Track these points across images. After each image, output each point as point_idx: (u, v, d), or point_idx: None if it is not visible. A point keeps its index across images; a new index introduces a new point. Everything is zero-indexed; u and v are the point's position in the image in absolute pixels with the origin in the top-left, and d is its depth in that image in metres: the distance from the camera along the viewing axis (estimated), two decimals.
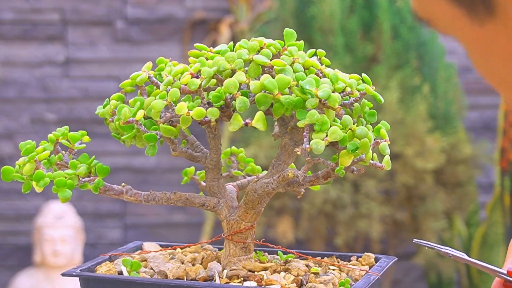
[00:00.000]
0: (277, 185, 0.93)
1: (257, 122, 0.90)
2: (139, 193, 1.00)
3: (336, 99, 0.88)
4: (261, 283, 0.92)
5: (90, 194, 3.34)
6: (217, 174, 1.00)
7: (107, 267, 0.98)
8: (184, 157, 1.00)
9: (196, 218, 3.36)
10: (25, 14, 3.37)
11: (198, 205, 0.99)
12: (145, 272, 0.97)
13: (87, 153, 0.99)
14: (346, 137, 0.87)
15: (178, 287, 0.90)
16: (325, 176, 0.92)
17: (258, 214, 0.98)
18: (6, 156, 3.35)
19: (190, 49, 0.89)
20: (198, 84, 0.91)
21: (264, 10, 3.33)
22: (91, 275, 0.95)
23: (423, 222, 2.83)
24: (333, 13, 2.83)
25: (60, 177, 0.95)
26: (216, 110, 0.91)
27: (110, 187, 0.99)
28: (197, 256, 1.01)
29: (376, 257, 1.04)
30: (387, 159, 0.90)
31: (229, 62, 0.91)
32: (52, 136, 0.97)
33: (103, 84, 3.39)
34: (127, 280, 0.94)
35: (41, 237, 2.90)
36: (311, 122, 0.88)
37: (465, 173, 2.86)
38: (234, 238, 0.97)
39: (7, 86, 3.36)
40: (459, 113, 2.96)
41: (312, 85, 0.88)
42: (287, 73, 0.90)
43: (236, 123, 0.91)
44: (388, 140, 0.92)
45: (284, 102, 0.88)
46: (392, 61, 2.82)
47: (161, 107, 0.91)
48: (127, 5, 3.40)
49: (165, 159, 3.36)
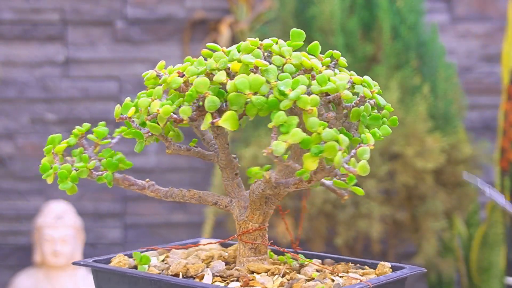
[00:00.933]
0: (264, 187, 0.93)
1: (225, 121, 0.89)
2: (159, 189, 1.03)
3: (307, 100, 0.87)
4: (247, 284, 0.92)
5: (90, 194, 3.34)
6: (231, 173, 1.00)
7: (119, 259, 1.00)
8: (192, 156, 1.01)
9: (196, 218, 3.36)
10: (25, 14, 3.37)
11: (211, 203, 1.00)
12: (156, 266, 0.99)
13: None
14: (307, 139, 0.86)
15: (160, 281, 0.92)
16: (309, 180, 0.91)
17: (266, 215, 0.98)
18: (6, 156, 3.35)
19: (190, 49, 0.89)
20: (179, 83, 0.92)
21: (264, 10, 3.33)
22: (89, 264, 0.99)
23: (423, 222, 2.83)
24: (333, 13, 2.83)
25: (64, 170, 0.96)
26: (188, 108, 0.91)
27: (134, 181, 1.01)
28: (214, 254, 1.01)
29: (396, 266, 1.01)
30: (363, 164, 0.87)
31: (216, 62, 0.92)
32: (76, 131, 0.99)
33: (103, 84, 3.39)
34: (119, 272, 0.97)
35: (41, 237, 2.90)
36: (276, 124, 0.87)
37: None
38: (243, 238, 0.98)
39: (7, 86, 3.36)
40: (459, 113, 2.96)
41: (287, 86, 0.88)
42: (270, 74, 0.89)
43: (205, 122, 0.91)
44: (372, 145, 0.89)
45: (255, 102, 0.88)
46: (392, 61, 2.82)
47: (146, 105, 0.92)
48: (127, 5, 3.40)
49: (165, 159, 3.36)
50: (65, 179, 0.96)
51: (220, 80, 0.90)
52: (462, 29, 3.47)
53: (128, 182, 1.01)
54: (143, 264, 0.98)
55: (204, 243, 1.08)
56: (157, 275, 0.93)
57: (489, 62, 3.46)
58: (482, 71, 3.48)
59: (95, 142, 1.00)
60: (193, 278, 0.96)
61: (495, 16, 3.46)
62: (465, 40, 3.46)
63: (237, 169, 1.00)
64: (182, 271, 0.97)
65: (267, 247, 0.99)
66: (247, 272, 0.97)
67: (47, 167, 0.96)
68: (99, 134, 0.99)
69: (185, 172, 3.39)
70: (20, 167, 3.35)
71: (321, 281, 0.94)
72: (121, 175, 1.02)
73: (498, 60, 3.32)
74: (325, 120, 0.91)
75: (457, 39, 3.46)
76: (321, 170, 0.89)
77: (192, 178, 3.36)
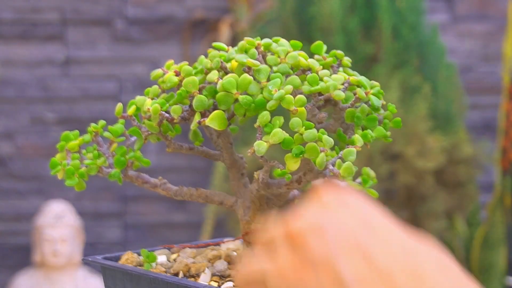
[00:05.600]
0: (258, 187, 0.93)
1: (212, 121, 0.89)
2: (170, 187, 1.03)
3: (291, 100, 0.87)
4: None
5: (90, 194, 3.34)
6: (237, 173, 1.00)
7: (127, 257, 1.01)
8: (197, 155, 1.02)
9: (196, 218, 3.36)
10: (25, 13, 3.37)
11: (217, 202, 1.00)
12: (163, 264, 0.99)
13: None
14: (288, 140, 0.85)
15: (156, 279, 0.93)
16: (298, 181, 0.91)
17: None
18: (6, 156, 3.35)
19: (190, 48, 0.89)
20: (174, 81, 0.92)
21: (264, 10, 3.33)
22: (96, 260, 1.00)
23: (423, 222, 2.83)
24: (333, 13, 2.82)
25: (71, 166, 0.97)
26: (179, 107, 0.92)
27: (147, 179, 1.02)
28: (221, 253, 1.02)
29: None
30: (347, 165, 0.86)
31: (211, 61, 0.92)
32: (91, 128, 0.99)
33: (103, 83, 3.38)
34: (121, 269, 0.98)
35: (41, 237, 2.90)
36: (261, 124, 0.87)
37: (466, 173, 2.86)
38: (246, 239, 0.98)
39: (7, 86, 3.36)
40: (460, 113, 2.96)
41: (275, 86, 0.88)
42: (261, 73, 0.90)
43: (194, 121, 0.91)
44: (359, 147, 0.88)
45: (242, 102, 0.88)
46: (393, 60, 2.82)
47: (143, 103, 0.93)
48: (127, 5, 3.40)
49: (165, 159, 3.36)
50: (72, 176, 0.97)
51: (212, 79, 0.90)
52: (463, 29, 3.46)
53: (141, 180, 1.02)
54: (150, 262, 0.99)
55: (225, 241, 1.09)
56: (155, 273, 0.94)
57: (490, 61, 3.46)
58: (483, 71, 3.47)
59: (110, 139, 1.01)
60: (194, 277, 0.96)
61: (495, 16, 3.45)
62: (465, 40, 3.46)
63: (244, 169, 1.00)
64: (184, 270, 0.97)
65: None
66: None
67: (56, 163, 0.97)
68: (114, 131, 1.00)
69: (185, 172, 3.39)
70: (20, 167, 3.35)
71: None
72: (136, 173, 1.02)
73: (499, 59, 3.32)
74: (317, 120, 0.91)
75: (457, 38, 3.45)
76: (309, 171, 0.89)
77: (192, 178, 3.36)
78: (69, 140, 0.99)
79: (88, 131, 1.00)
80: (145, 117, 0.94)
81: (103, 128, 1.00)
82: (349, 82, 0.93)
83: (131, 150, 1.01)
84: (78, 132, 1.00)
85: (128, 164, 1.01)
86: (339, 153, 0.88)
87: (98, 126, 1.00)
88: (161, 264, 1.00)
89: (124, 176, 1.01)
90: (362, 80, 0.93)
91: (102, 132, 1.00)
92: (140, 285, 0.95)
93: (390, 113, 0.97)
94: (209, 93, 0.92)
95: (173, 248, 1.07)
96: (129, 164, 1.01)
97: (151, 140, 0.98)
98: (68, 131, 1.00)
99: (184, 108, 0.94)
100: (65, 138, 0.99)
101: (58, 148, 0.99)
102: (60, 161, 0.99)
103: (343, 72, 0.95)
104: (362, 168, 0.94)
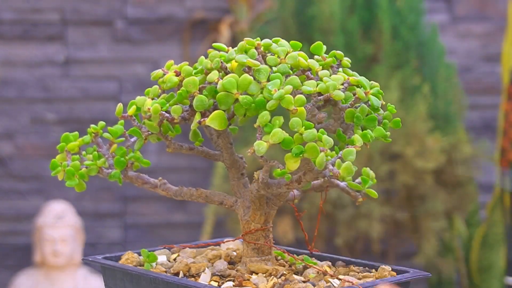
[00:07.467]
0: (258, 187, 0.94)
1: (212, 121, 0.90)
2: (170, 188, 1.05)
3: (291, 100, 0.87)
4: (241, 285, 0.93)
5: (90, 194, 3.34)
6: (237, 173, 1.00)
7: (127, 256, 1.01)
8: (196, 155, 1.02)
9: (196, 218, 3.36)
10: (25, 14, 3.37)
11: (217, 202, 1.00)
12: (163, 264, 0.99)
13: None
14: (288, 140, 0.86)
15: (157, 279, 0.94)
16: (298, 180, 0.91)
17: (268, 215, 0.98)
18: (6, 156, 3.35)
19: (190, 49, 0.89)
20: (174, 81, 0.93)
21: (264, 10, 3.33)
22: (96, 260, 1.02)
23: (423, 222, 2.83)
24: (333, 13, 2.83)
25: (72, 167, 0.97)
26: (179, 107, 0.92)
27: (147, 180, 1.04)
28: (221, 253, 1.02)
29: (399, 269, 1.00)
30: (346, 165, 0.86)
31: (211, 61, 0.92)
32: (91, 129, 0.99)
33: (103, 84, 3.39)
34: (121, 269, 0.99)
35: (41, 237, 2.90)
36: (261, 124, 0.87)
37: (465, 173, 2.86)
38: (246, 239, 0.98)
39: (7, 86, 3.36)
40: (459, 113, 2.96)
41: (274, 86, 0.88)
42: (261, 74, 0.90)
43: (194, 121, 0.91)
44: (359, 147, 0.88)
45: (242, 102, 0.88)
46: (392, 61, 2.82)
47: (143, 103, 0.93)
48: (127, 5, 3.40)
49: (165, 159, 3.36)
50: (72, 176, 0.97)
51: (212, 79, 0.90)
52: (462, 29, 3.46)
53: (141, 181, 1.03)
54: (150, 262, 0.99)
55: (226, 241, 1.09)
56: (155, 273, 0.94)
57: (489, 62, 3.46)
58: (482, 71, 3.47)
59: (110, 140, 1.01)
60: (194, 277, 0.96)
61: (495, 16, 3.46)
62: (465, 40, 3.46)
63: (243, 169, 1.00)
64: (184, 270, 0.97)
65: (271, 248, 0.99)
66: (248, 272, 0.97)
67: (56, 164, 0.97)
68: (114, 132, 1.00)
69: (185, 172, 3.39)
70: (20, 167, 3.35)
71: (315, 283, 0.93)
72: (135, 174, 1.03)
73: (498, 60, 3.32)
74: (317, 120, 0.91)
75: (457, 39, 3.46)
76: (309, 171, 0.89)
77: (192, 178, 3.36)
78: (69, 141, 0.99)
79: (88, 132, 1.00)
80: (145, 117, 0.95)
81: (103, 129, 1.01)
82: (348, 82, 0.93)
83: (131, 150, 1.01)
84: (77, 133, 1.00)
85: (128, 164, 1.01)
86: (338, 153, 0.88)
87: (97, 127, 1.00)
88: (161, 264, 1.00)
89: (124, 176, 1.01)
90: (361, 80, 0.93)
91: (101, 133, 1.01)
92: (140, 285, 0.95)
93: (389, 113, 0.97)
94: (209, 93, 0.92)
95: (173, 248, 1.07)
96: (129, 164, 1.01)
97: (151, 140, 0.98)
98: (68, 132, 1.00)
99: (184, 108, 0.94)
100: (65, 139, 1.00)
101: (58, 149, 0.99)
102: (60, 162, 0.99)
103: (342, 72, 0.95)
104: (362, 168, 0.95)
